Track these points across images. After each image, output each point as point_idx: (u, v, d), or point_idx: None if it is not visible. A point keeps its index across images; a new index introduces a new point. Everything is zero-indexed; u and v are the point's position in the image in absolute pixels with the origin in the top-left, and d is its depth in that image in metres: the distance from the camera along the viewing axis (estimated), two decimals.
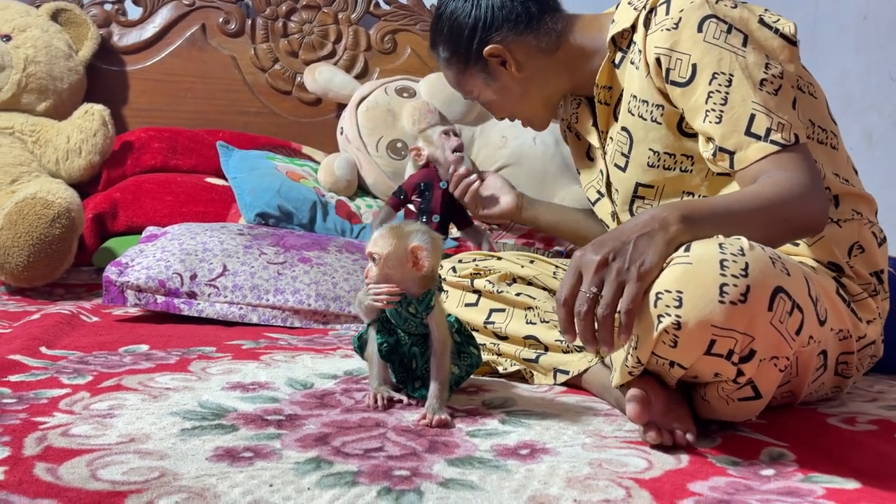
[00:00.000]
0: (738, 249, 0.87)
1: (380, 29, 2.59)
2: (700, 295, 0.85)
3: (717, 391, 0.93)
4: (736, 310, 0.84)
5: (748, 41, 1.05)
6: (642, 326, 0.90)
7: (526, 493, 0.77)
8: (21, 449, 0.82)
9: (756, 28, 1.08)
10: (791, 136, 1.01)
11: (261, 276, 1.63)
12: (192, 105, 2.49)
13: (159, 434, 0.89)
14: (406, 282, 0.98)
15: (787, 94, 1.04)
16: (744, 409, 0.95)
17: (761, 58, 1.04)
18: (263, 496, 0.73)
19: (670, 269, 0.88)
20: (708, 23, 1.06)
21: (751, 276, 0.85)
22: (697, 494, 0.78)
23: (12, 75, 2.16)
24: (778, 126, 1.01)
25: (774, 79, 1.04)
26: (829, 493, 0.79)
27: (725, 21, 1.06)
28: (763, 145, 1.01)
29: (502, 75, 1.25)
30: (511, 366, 1.23)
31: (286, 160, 2.23)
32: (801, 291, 0.89)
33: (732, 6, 1.09)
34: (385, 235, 0.98)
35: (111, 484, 0.74)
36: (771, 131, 1.01)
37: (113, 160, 2.19)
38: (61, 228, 1.78)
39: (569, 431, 0.96)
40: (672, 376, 0.94)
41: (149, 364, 1.21)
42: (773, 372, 0.90)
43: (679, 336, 0.86)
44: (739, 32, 1.05)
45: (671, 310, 0.86)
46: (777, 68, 1.05)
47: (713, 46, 1.04)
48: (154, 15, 2.48)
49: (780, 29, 1.09)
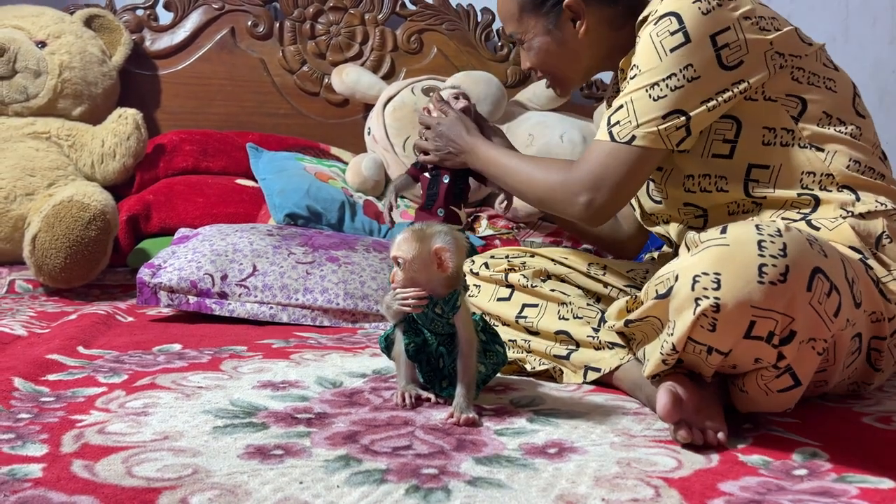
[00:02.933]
0: (775, 231, 0.87)
1: (406, 29, 2.59)
2: (739, 275, 0.85)
3: (756, 381, 0.93)
4: (775, 290, 0.84)
5: (681, 47, 1.10)
6: (678, 309, 0.89)
7: (554, 491, 0.77)
8: (59, 446, 0.84)
9: (710, 31, 1.09)
10: (627, 135, 1.12)
11: (290, 276, 1.64)
12: (222, 107, 2.53)
13: (192, 432, 0.90)
14: (432, 283, 0.99)
15: (669, 102, 1.10)
16: (783, 399, 0.94)
17: (674, 64, 1.10)
18: (293, 493, 0.74)
19: (706, 252, 0.88)
20: (665, 19, 1.12)
21: (790, 256, 0.85)
22: (728, 494, 0.77)
23: (48, 81, 2.21)
24: (624, 122, 1.12)
25: (666, 87, 1.10)
26: (864, 492, 0.78)
27: (682, 21, 1.10)
28: (603, 130, 1.15)
29: (567, 30, 1.26)
30: (540, 364, 1.22)
31: (315, 161, 2.25)
32: (838, 273, 0.90)
33: (713, 4, 1.10)
34: (408, 239, 0.98)
35: (146, 481, 0.76)
36: (617, 124, 1.13)
37: (146, 163, 2.23)
38: (97, 230, 1.82)
39: (597, 430, 0.96)
40: (709, 365, 0.93)
41: (182, 363, 1.24)
42: (811, 356, 0.90)
43: (718, 318, 0.86)
44: (682, 35, 1.10)
45: (709, 292, 0.86)
46: (679, 81, 1.10)
47: (650, 42, 1.12)
48: (185, 20, 2.51)
49: (765, 28, 1.12)
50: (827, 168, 1.11)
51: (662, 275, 0.95)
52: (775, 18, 1.15)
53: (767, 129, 1.13)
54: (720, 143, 1.15)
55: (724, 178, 1.15)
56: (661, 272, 0.96)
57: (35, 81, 2.19)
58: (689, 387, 0.95)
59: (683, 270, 0.90)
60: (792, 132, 1.12)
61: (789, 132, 1.12)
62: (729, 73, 1.10)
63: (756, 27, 1.11)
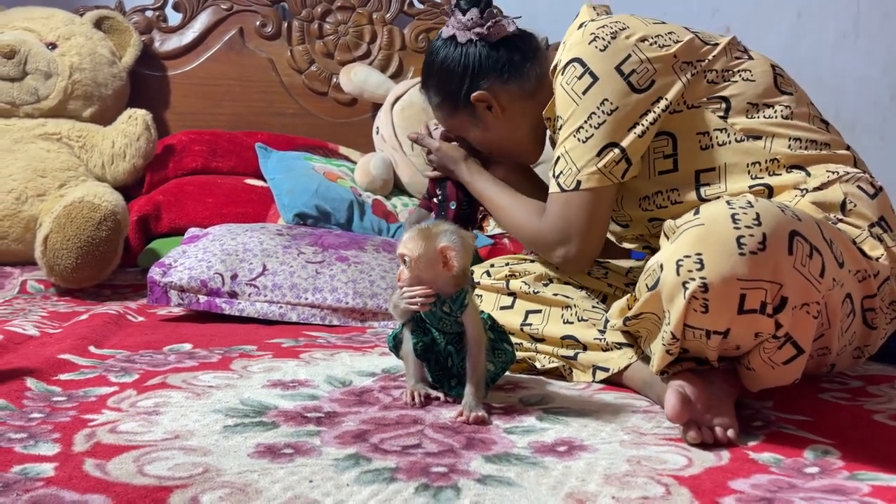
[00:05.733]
0: (745, 203, 0.89)
1: (414, 28, 2.59)
2: (719, 252, 0.86)
3: (760, 356, 0.94)
4: (757, 259, 0.85)
5: (591, 87, 1.16)
6: (669, 298, 0.90)
7: (563, 489, 0.76)
8: (71, 445, 0.85)
9: (614, 64, 1.15)
10: (572, 183, 1.18)
11: (299, 276, 1.65)
12: (230, 108, 2.53)
13: (203, 431, 0.91)
14: (438, 282, 0.99)
15: (598, 140, 1.16)
16: (789, 371, 0.95)
17: (590, 104, 1.16)
18: (304, 492, 0.74)
19: (684, 236, 0.90)
20: (569, 66, 1.18)
21: (764, 224, 0.87)
22: (739, 492, 0.77)
23: (58, 83, 2.22)
24: (567, 171, 1.18)
25: (590, 127, 1.16)
26: (876, 490, 0.77)
27: (584, 63, 1.17)
28: (552, 184, 1.21)
29: (488, 117, 1.31)
30: (549, 363, 1.22)
31: (323, 160, 2.26)
32: (815, 234, 0.91)
33: (608, 39, 1.16)
34: (414, 237, 0.99)
35: (157, 479, 0.76)
36: (560, 174, 1.19)
37: (156, 163, 2.24)
38: (108, 231, 1.83)
39: (607, 428, 0.96)
40: (711, 349, 0.94)
41: (192, 362, 1.24)
42: (807, 320, 0.91)
43: (708, 298, 0.87)
44: (589, 76, 1.16)
45: (694, 273, 0.87)
46: (600, 117, 1.15)
47: (563, 92, 1.19)
48: (193, 20, 2.52)
49: (664, 45, 1.17)
50: (769, 154, 1.15)
51: (649, 267, 0.97)
52: (672, 32, 1.20)
53: (701, 134, 1.17)
54: (661, 159, 1.19)
55: (676, 189, 1.19)
56: (648, 265, 0.98)
57: (45, 83, 2.20)
58: (699, 384, 0.95)
59: (666, 259, 0.92)
60: (725, 130, 1.16)
61: (723, 131, 1.16)
62: (644, 94, 1.15)
63: (655, 45, 1.17)
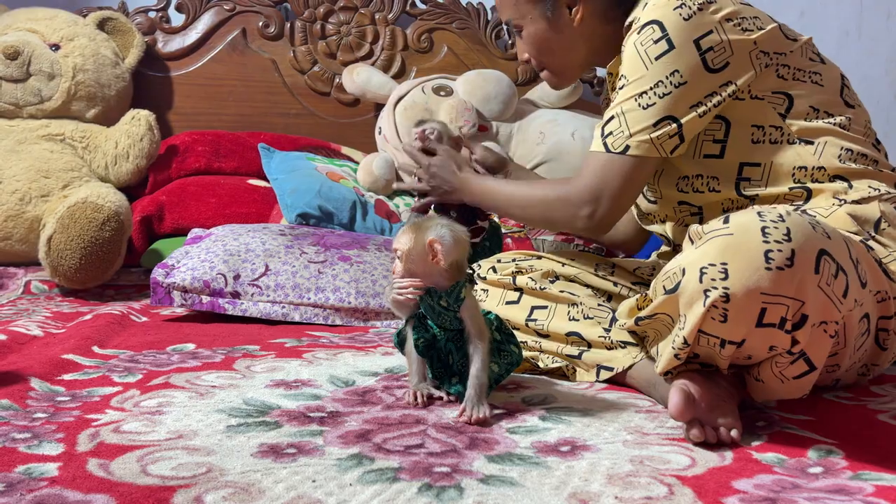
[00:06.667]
0: (777, 216, 0.88)
1: (416, 28, 2.59)
2: (746, 264, 0.85)
3: (772, 369, 0.93)
4: (783, 275, 0.84)
5: (665, 54, 1.12)
6: (688, 303, 0.89)
7: (566, 489, 0.76)
8: (75, 445, 0.85)
9: (693, 36, 1.11)
10: (620, 146, 1.14)
11: (302, 275, 1.65)
12: (233, 108, 2.54)
13: (206, 431, 0.91)
14: (432, 275, 0.99)
15: (658, 110, 1.12)
16: (798, 386, 0.95)
17: (660, 72, 1.12)
18: (306, 491, 0.74)
19: (711, 243, 0.89)
20: (648, 28, 1.14)
21: (794, 241, 0.85)
22: (742, 492, 0.76)
23: (62, 84, 2.22)
24: (617, 132, 1.14)
25: (654, 95, 1.12)
26: (879, 490, 0.77)
27: (664, 28, 1.12)
28: (598, 142, 1.17)
29: (563, 17, 1.26)
30: (552, 362, 1.22)
31: (326, 161, 2.26)
32: (842, 254, 0.90)
33: (694, 9, 1.12)
34: (406, 231, 1.01)
35: (161, 479, 0.76)
36: (610, 135, 1.15)
37: (159, 164, 2.24)
38: (111, 231, 1.83)
39: (610, 428, 0.96)
40: (723, 358, 0.93)
41: (195, 362, 1.24)
42: (824, 339, 0.90)
43: (728, 308, 0.86)
44: (666, 43, 1.12)
45: (717, 283, 0.86)
46: (666, 88, 1.12)
47: (635, 52, 1.14)
48: (196, 21, 2.53)
49: (747, 28, 1.13)
50: (818, 161, 1.13)
51: (669, 270, 0.95)
52: (758, 17, 1.16)
53: (756, 128, 1.15)
54: (710, 143, 1.17)
55: (717, 178, 1.17)
56: (668, 268, 0.96)
57: (49, 84, 2.21)
58: (703, 384, 0.95)
59: (690, 264, 0.90)
60: (780, 129, 1.14)
61: (778, 129, 1.14)
62: (715, 75, 1.12)
63: (739, 28, 1.13)
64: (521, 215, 1.30)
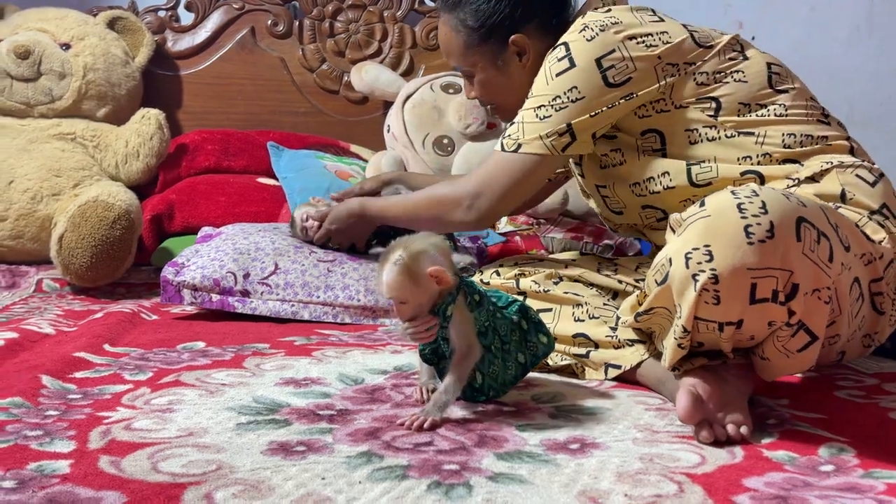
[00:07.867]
0: (750, 192, 0.89)
1: (425, 26, 2.59)
2: (728, 242, 0.86)
3: (775, 344, 0.93)
4: (766, 247, 0.85)
5: (566, 72, 1.20)
6: (679, 291, 0.90)
7: (576, 487, 0.76)
8: (86, 443, 0.85)
9: (595, 56, 1.18)
10: (513, 145, 1.23)
11: (311, 274, 1.65)
12: (243, 107, 2.54)
13: (216, 428, 0.91)
14: (433, 298, 0.95)
15: (554, 121, 1.20)
16: (803, 359, 0.95)
17: (559, 87, 1.20)
18: (316, 489, 0.75)
19: (691, 228, 0.90)
20: (556, 49, 1.23)
21: (771, 212, 0.86)
22: (752, 490, 0.76)
23: (72, 83, 2.23)
24: (514, 135, 1.23)
25: (551, 108, 1.20)
26: (891, 488, 0.77)
27: (568, 48, 1.21)
28: (497, 143, 1.26)
29: (513, 64, 1.32)
30: (561, 360, 1.22)
31: (335, 159, 2.26)
32: (821, 220, 0.91)
33: (596, 31, 1.19)
34: (389, 273, 0.93)
35: (171, 476, 0.77)
36: (507, 137, 1.24)
37: (169, 162, 2.25)
38: (122, 230, 1.84)
39: (619, 426, 0.95)
40: (725, 341, 0.93)
41: (205, 360, 1.25)
42: (820, 306, 0.90)
43: (719, 289, 0.87)
44: (567, 62, 1.20)
45: (704, 265, 0.87)
46: (563, 102, 1.19)
47: (542, 70, 1.23)
48: (206, 20, 2.53)
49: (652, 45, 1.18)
50: (761, 150, 1.15)
51: (657, 262, 0.97)
52: (666, 32, 1.20)
53: (690, 131, 1.18)
54: (650, 153, 1.21)
55: (667, 172, 1.19)
56: (656, 260, 0.98)
57: (60, 83, 2.22)
58: (711, 382, 0.95)
59: (675, 252, 0.91)
60: (714, 127, 1.17)
61: (713, 128, 1.17)
62: (616, 89, 1.18)
63: (643, 45, 1.18)
64: (413, 216, 1.37)
